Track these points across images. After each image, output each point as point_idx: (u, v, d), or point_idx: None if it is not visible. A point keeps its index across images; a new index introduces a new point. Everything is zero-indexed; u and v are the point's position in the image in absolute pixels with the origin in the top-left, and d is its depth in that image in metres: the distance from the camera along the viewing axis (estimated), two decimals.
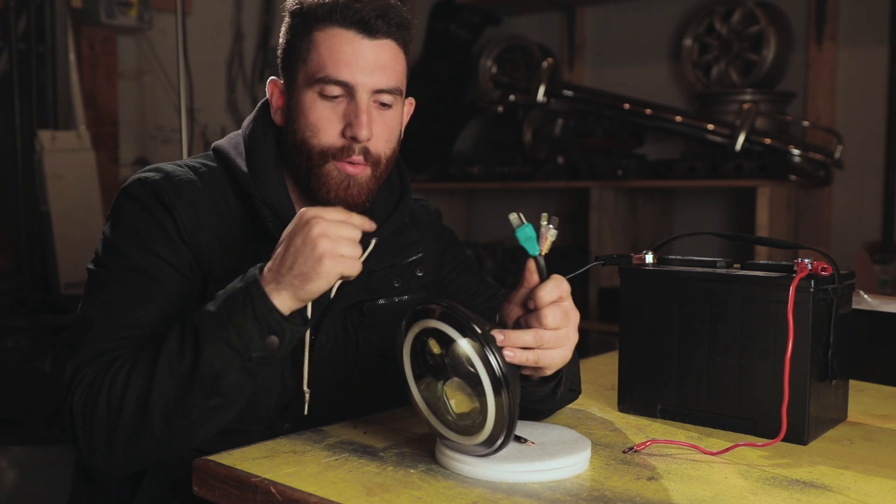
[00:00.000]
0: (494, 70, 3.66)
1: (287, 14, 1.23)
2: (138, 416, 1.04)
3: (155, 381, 1.04)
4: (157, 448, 1.07)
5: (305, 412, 1.22)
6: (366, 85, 1.17)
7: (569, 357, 1.06)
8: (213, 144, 1.30)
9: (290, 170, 1.25)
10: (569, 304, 1.05)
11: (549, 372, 1.06)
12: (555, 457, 1.02)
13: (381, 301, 1.28)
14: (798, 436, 1.14)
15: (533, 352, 1.01)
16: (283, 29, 1.24)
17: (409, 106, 1.32)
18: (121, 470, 1.11)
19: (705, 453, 1.10)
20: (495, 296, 1.44)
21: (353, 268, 1.02)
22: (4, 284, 3.05)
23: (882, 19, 3.00)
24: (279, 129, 1.26)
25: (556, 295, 1.03)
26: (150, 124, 3.57)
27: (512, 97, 3.51)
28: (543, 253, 1.03)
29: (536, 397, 1.14)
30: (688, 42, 3.27)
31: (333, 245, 1.00)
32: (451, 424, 1.02)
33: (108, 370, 1.08)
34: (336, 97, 1.18)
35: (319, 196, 1.21)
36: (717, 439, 1.17)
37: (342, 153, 1.18)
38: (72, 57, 3.21)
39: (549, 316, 1.01)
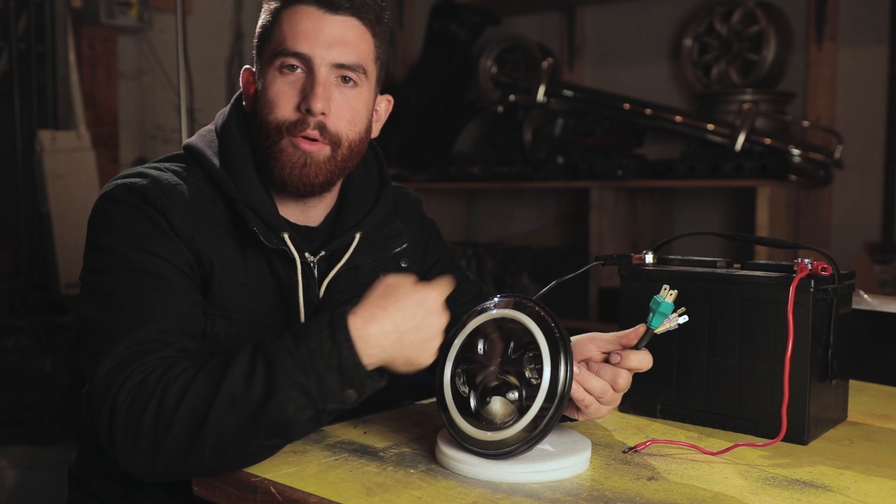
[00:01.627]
0: (494, 70, 3.66)
1: (264, 2, 1.23)
2: (188, 438, 0.97)
3: (214, 408, 0.96)
4: (201, 470, 1.01)
5: None
6: (324, 58, 1.15)
7: (605, 416, 1.16)
8: (184, 143, 1.26)
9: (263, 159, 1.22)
10: (632, 376, 1.12)
11: (580, 418, 1.15)
12: (555, 457, 1.02)
13: None
14: (798, 436, 1.14)
15: (591, 398, 1.09)
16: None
17: (388, 103, 1.29)
18: (158, 480, 1.03)
19: (705, 453, 1.10)
20: (480, 293, 1.44)
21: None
22: (4, 284, 3.04)
23: (882, 19, 3.00)
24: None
25: (639, 365, 1.10)
26: (150, 124, 3.57)
27: (512, 97, 3.51)
28: (657, 333, 1.10)
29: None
30: (688, 42, 3.27)
31: (439, 340, 1.03)
32: (465, 410, 1.03)
33: (160, 376, 1.00)
34: (295, 71, 1.16)
35: (277, 176, 1.18)
36: (717, 439, 1.17)
37: (295, 127, 1.15)
38: (72, 57, 3.21)
39: (624, 379, 1.10)
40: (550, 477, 1.00)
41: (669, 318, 1.08)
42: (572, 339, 1.13)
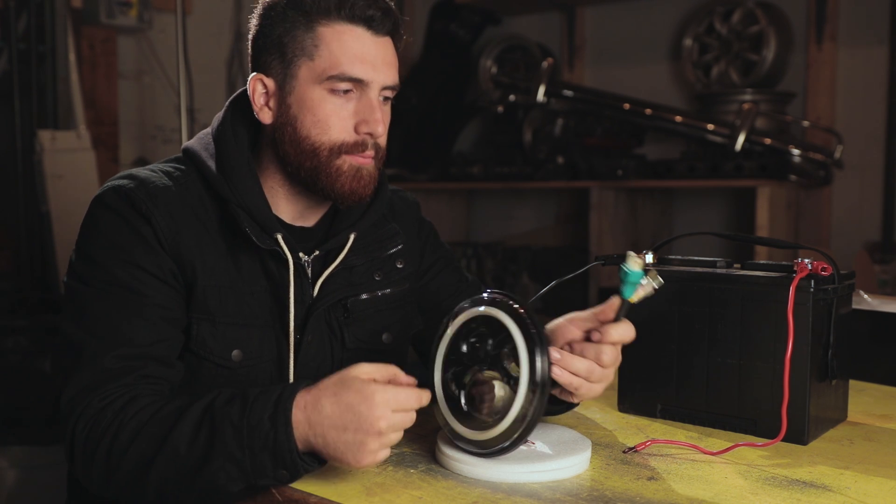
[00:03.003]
0: (494, 70, 3.66)
1: (268, 7, 1.20)
2: (134, 478, 1.02)
3: (158, 459, 1.00)
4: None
5: None
6: (378, 82, 1.18)
7: (600, 393, 1.13)
8: (183, 145, 1.27)
9: (278, 168, 1.23)
10: (619, 349, 1.11)
11: (576, 400, 1.14)
12: (555, 457, 1.02)
13: (364, 296, 1.28)
14: (798, 436, 1.14)
15: (579, 380, 1.08)
16: (259, 22, 1.21)
17: None
18: (114, 501, 1.09)
19: (705, 453, 1.10)
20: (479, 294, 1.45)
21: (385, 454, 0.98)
22: (4, 284, 3.04)
23: (882, 19, 3.00)
24: (252, 128, 1.25)
25: (621, 338, 1.09)
26: (150, 124, 3.57)
27: (512, 97, 3.51)
28: (634, 301, 1.08)
29: (550, 411, 1.20)
30: (688, 42, 3.27)
31: (387, 443, 0.96)
32: (458, 412, 1.03)
33: (118, 410, 1.04)
34: (346, 93, 1.17)
35: (332, 192, 1.19)
36: (717, 439, 1.17)
37: (356, 148, 1.18)
38: (72, 57, 3.21)
39: (608, 354, 1.09)
40: (550, 477, 1.00)
41: (642, 285, 1.07)
42: (552, 323, 1.13)
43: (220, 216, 1.20)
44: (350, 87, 1.17)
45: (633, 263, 1.06)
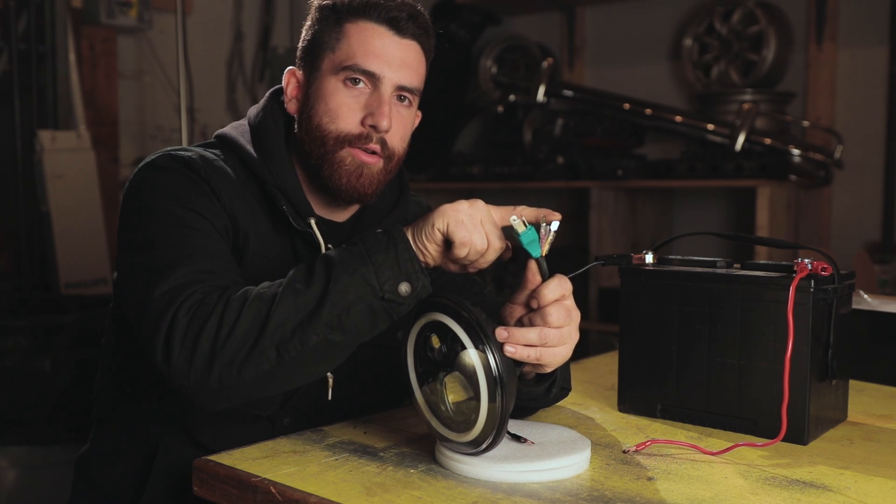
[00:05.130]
0: (494, 70, 3.66)
1: (314, 9, 1.26)
2: (250, 338, 1.00)
3: (276, 305, 1.00)
4: (257, 380, 1.02)
5: (329, 398, 1.25)
6: (391, 79, 1.21)
7: (569, 355, 1.08)
8: (215, 133, 1.30)
9: (300, 158, 1.27)
10: (571, 302, 1.07)
11: (548, 370, 1.09)
12: (555, 457, 1.02)
13: None
14: (798, 436, 1.14)
15: (536, 349, 1.03)
16: (307, 24, 1.27)
17: (417, 118, 1.34)
18: (206, 400, 1.03)
19: (705, 453, 1.10)
20: (482, 293, 1.45)
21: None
22: (4, 284, 3.05)
23: (882, 19, 3.00)
24: (289, 120, 1.28)
25: (559, 293, 1.05)
26: (150, 124, 3.57)
27: (512, 97, 3.51)
28: (544, 254, 1.06)
29: (530, 395, 1.16)
30: (688, 42, 3.27)
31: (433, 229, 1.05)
32: (446, 420, 1.03)
33: (221, 293, 1.04)
34: (359, 86, 1.20)
35: (331, 183, 1.22)
36: (717, 439, 1.17)
37: (359, 140, 1.21)
38: (72, 57, 3.21)
39: (553, 314, 1.04)
40: (550, 477, 1.00)
41: (542, 237, 1.05)
42: (502, 311, 1.11)
43: (262, 196, 1.24)
44: (362, 81, 1.20)
45: (519, 227, 1.05)
